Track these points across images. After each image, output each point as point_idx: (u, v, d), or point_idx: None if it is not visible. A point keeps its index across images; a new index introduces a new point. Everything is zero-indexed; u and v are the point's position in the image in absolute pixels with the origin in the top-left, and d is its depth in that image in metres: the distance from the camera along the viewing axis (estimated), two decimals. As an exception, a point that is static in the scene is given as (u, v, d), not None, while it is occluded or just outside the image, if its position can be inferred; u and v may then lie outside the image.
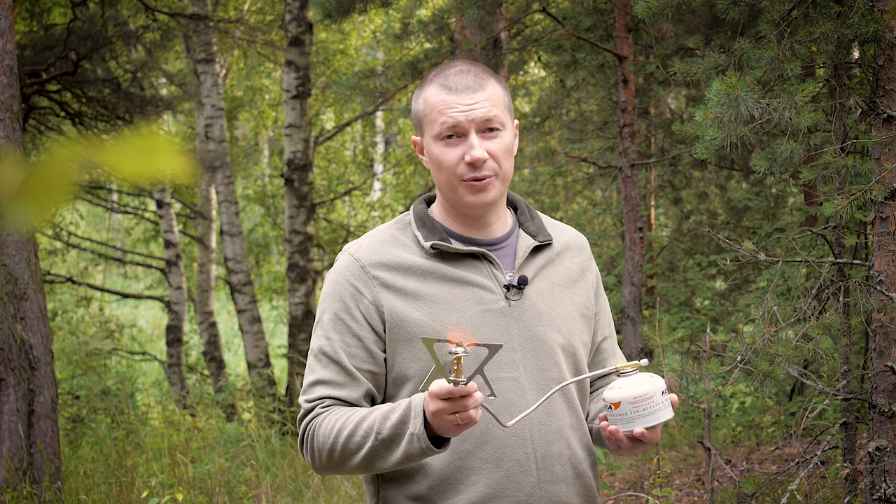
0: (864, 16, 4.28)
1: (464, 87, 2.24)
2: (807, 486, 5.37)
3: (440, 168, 2.26)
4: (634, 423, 2.14)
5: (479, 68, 2.29)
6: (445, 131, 2.24)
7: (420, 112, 2.29)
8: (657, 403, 2.14)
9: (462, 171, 2.24)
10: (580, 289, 2.39)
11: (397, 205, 15.31)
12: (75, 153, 0.91)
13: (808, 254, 5.92)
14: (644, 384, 2.14)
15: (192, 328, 15.40)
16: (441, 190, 2.31)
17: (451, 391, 1.99)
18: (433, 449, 2.11)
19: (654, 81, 9.30)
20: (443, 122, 2.23)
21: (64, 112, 10.26)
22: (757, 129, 4.37)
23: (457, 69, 2.27)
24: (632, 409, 2.14)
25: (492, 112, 2.24)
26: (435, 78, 2.28)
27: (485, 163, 2.23)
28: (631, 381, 2.16)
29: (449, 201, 2.31)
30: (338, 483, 6.55)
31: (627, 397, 2.14)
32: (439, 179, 2.28)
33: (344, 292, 2.28)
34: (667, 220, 11.93)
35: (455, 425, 2.04)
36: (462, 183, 2.25)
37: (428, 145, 2.28)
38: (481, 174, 2.23)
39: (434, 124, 2.25)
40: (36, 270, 5.99)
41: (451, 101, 2.23)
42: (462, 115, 2.22)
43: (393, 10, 12.31)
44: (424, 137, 2.29)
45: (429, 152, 2.29)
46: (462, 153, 2.23)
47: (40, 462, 5.85)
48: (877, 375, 4.44)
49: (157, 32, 11.39)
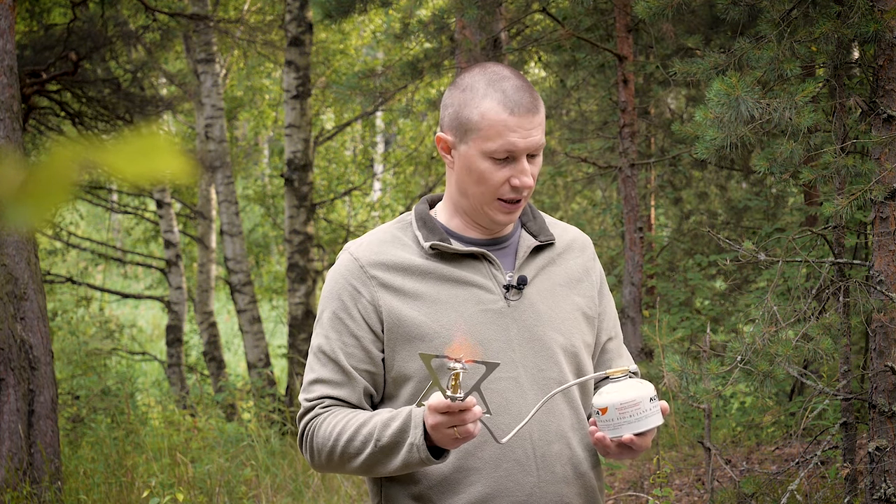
0: (864, 16, 4.28)
1: (525, 109, 2.19)
2: (807, 486, 5.37)
3: (481, 182, 2.23)
4: (621, 430, 2.14)
5: (527, 83, 2.25)
6: (502, 153, 2.20)
7: (471, 121, 2.22)
8: (644, 410, 2.13)
9: (504, 192, 2.22)
10: (583, 289, 2.38)
11: (397, 205, 15.31)
12: (75, 153, 0.91)
13: (808, 254, 5.92)
14: (631, 390, 2.13)
15: (192, 328, 15.39)
16: (466, 197, 2.28)
17: (450, 406, 2.01)
18: (432, 459, 2.13)
19: (654, 81, 9.30)
20: (502, 144, 2.19)
21: (64, 112, 10.26)
22: (757, 129, 4.37)
23: (513, 84, 2.22)
24: (618, 415, 2.13)
25: (542, 138, 2.23)
26: (491, 91, 2.21)
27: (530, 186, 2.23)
28: (619, 386, 2.15)
29: (471, 210, 2.29)
30: (338, 483, 6.55)
31: (614, 403, 2.13)
32: (473, 191, 2.25)
33: (342, 291, 2.28)
34: (667, 220, 11.93)
35: (453, 439, 2.06)
36: (497, 202, 2.24)
37: (470, 156, 2.23)
38: (520, 196, 2.23)
39: (489, 142, 2.19)
40: (36, 270, 5.99)
41: (513, 125, 2.19)
42: (522, 141, 2.19)
43: (393, 10, 12.31)
44: (468, 146, 2.23)
45: (469, 162, 2.23)
46: (510, 175, 2.21)
47: (40, 462, 5.85)
48: (877, 375, 4.44)
49: (157, 32, 11.39)
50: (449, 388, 2.00)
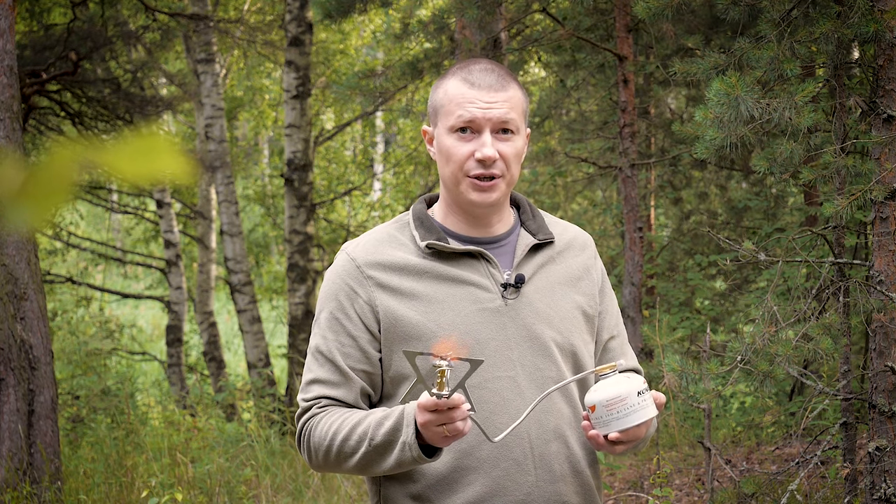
0: (864, 16, 4.28)
1: (486, 84, 2.23)
2: (807, 486, 5.37)
3: (448, 160, 2.25)
4: (609, 426, 2.14)
5: (503, 70, 2.28)
6: (460, 124, 2.23)
7: (437, 102, 2.29)
8: (632, 405, 2.12)
9: (470, 167, 2.23)
10: (582, 287, 2.38)
11: (397, 205, 15.31)
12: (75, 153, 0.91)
13: (808, 254, 5.92)
14: (617, 386, 2.13)
15: (192, 328, 15.39)
16: (445, 184, 2.30)
17: (438, 404, 2.01)
18: (424, 458, 2.13)
19: (654, 81, 9.30)
20: (459, 115, 2.23)
21: (64, 112, 10.26)
22: (757, 129, 4.37)
23: (481, 66, 2.27)
24: (606, 412, 2.13)
25: (509, 114, 2.23)
26: (458, 71, 2.28)
27: (494, 162, 2.23)
28: (606, 383, 2.15)
29: (451, 195, 2.30)
30: (338, 483, 6.55)
31: (601, 400, 2.13)
32: (445, 172, 2.28)
33: (340, 292, 2.29)
34: (667, 220, 11.93)
35: (443, 437, 2.07)
36: (467, 179, 2.24)
37: (440, 136, 2.28)
38: (488, 172, 2.23)
39: (450, 116, 2.24)
40: (36, 270, 5.99)
41: (470, 96, 2.23)
42: (480, 111, 2.22)
43: (393, 10, 12.32)
44: (438, 128, 2.29)
45: (439, 143, 2.28)
46: (473, 149, 2.23)
47: (40, 462, 5.85)
48: (877, 375, 4.44)
49: (157, 32, 11.39)
50: (435, 386, 2.01)
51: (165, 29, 11.27)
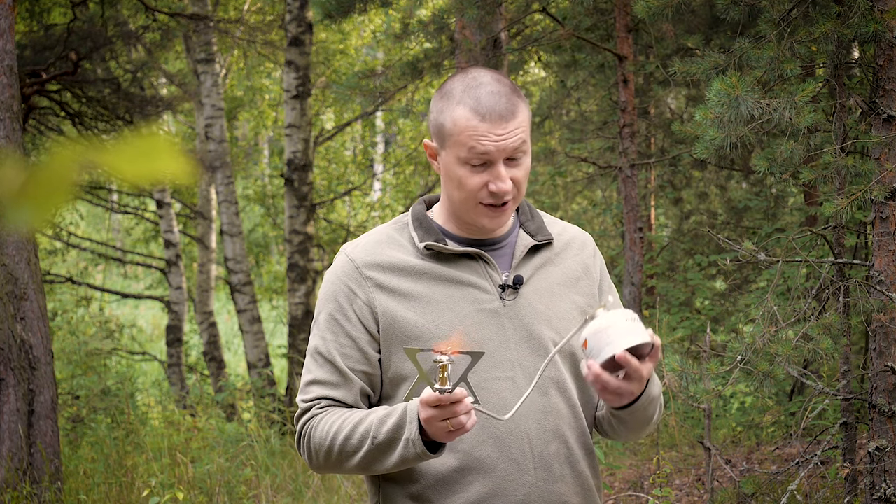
0: (864, 16, 4.28)
1: (497, 115, 2.16)
2: (807, 486, 5.37)
3: (460, 187, 2.21)
4: (602, 353, 2.10)
5: (507, 87, 2.21)
6: (474, 159, 2.18)
7: (445, 129, 2.21)
8: (621, 328, 2.09)
9: (482, 196, 2.20)
10: (582, 287, 2.37)
11: (397, 205, 15.31)
12: (75, 153, 0.91)
13: (808, 254, 5.92)
14: (603, 318, 2.11)
15: (192, 328, 15.39)
16: (453, 203, 2.27)
17: (440, 399, 2.02)
18: (428, 454, 2.13)
19: (654, 81, 9.30)
20: (471, 148, 2.17)
21: (64, 112, 10.26)
22: (757, 129, 4.37)
23: (488, 90, 2.18)
24: (597, 340, 2.10)
25: (520, 140, 2.19)
26: (465, 97, 2.19)
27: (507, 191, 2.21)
28: (596, 319, 2.14)
29: (458, 213, 2.28)
30: (338, 483, 6.55)
31: (589, 333, 2.11)
32: (454, 196, 2.24)
33: (338, 293, 2.29)
34: (667, 220, 11.93)
35: (447, 432, 2.07)
36: (479, 206, 2.22)
37: (449, 162, 2.22)
38: (501, 200, 2.21)
39: (461, 148, 2.18)
40: (36, 270, 5.99)
41: (483, 130, 2.16)
42: (493, 145, 2.16)
43: (393, 10, 12.31)
44: (446, 153, 2.22)
45: (448, 168, 2.23)
46: (486, 180, 2.19)
47: (40, 462, 5.85)
48: (877, 375, 4.44)
49: (157, 32, 11.39)
50: (437, 381, 2.01)
51: (165, 29, 11.27)
